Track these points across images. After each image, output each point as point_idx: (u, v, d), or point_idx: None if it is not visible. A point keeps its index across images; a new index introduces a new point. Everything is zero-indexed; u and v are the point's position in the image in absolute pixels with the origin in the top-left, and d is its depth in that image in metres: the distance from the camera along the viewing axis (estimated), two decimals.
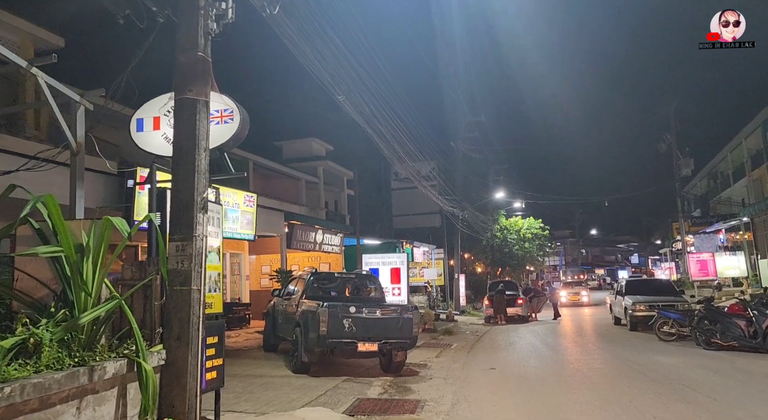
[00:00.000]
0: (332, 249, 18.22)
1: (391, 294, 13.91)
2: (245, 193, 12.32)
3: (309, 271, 10.36)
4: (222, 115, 5.57)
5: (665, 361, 9.87)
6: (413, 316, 9.11)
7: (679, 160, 26.87)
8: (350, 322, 8.64)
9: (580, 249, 76.49)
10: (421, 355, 11.71)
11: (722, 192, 38.18)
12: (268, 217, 14.60)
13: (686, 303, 15.25)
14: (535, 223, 34.91)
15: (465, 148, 26.34)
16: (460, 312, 24.90)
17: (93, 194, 9.43)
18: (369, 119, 11.53)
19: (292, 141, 26.25)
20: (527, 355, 11.59)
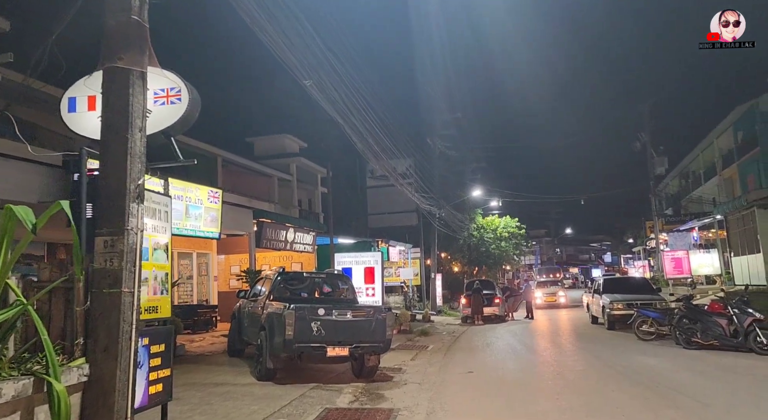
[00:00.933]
0: (304, 248, 17.56)
1: (365, 294, 13.35)
2: (209, 188, 11.61)
3: (276, 271, 9.73)
4: (168, 94, 4.94)
5: (648, 362, 9.53)
6: (387, 317, 8.57)
7: (654, 159, 26.94)
8: (319, 325, 8.06)
9: (555, 248, 77.14)
10: (395, 358, 11.18)
11: (693, 191, 38.71)
12: (236, 215, 13.89)
13: (664, 301, 15.05)
14: (512, 222, 34.75)
15: (442, 145, 25.92)
16: (437, 312, 24.48)
17: (37, 187, 8.65)
18: (341, 110, 10.97)
19: (264, 137, 25.47)
20: (506, 357, 11.16)
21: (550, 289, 28.83)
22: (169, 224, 5.41)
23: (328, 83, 10.08)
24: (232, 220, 13.69)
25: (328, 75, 9.67)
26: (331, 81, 10.09)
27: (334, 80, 9.45)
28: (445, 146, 26.24)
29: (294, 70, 7.74)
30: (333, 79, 9.45)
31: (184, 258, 17.74)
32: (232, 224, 13.81)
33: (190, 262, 17.96)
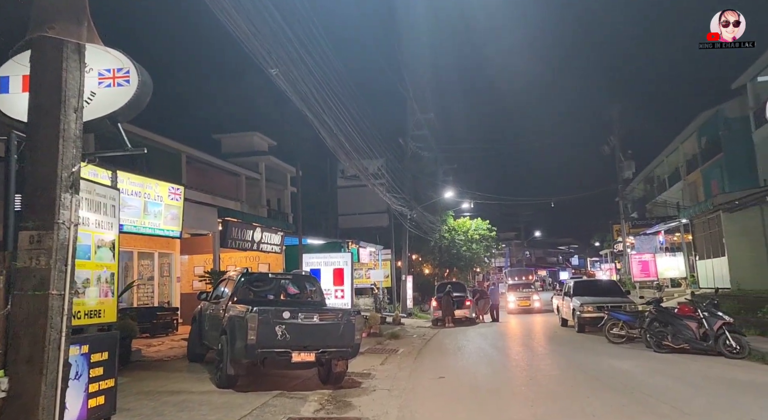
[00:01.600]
0: (272, 248, 17.02)
1: (334, 297, 12.94)
2: (170, 184, 11.02)
3: (240, 272, 9.24)
4: (114, 75, 4.45)
5: (620, 366, 9.40)
6: (356, 321, 8.18)
7: (622, 163, 27.28)
8: (284, 328, 7.62)
9: (525, 250, 77.91)
10: (364, 363, 10.80)
11: (659, 195, 39.55)
12: (200, 213, 13.30)
13: (633, 304, 15.10)
14: (483, 224, 34.78)
15: (414, 145, 25.68)
16: (408, 314, 24.20)
17: None
18: (311, 105, 10.56)
19: (232, 135, 24.78)
20: (478, 361, 10.90)
21: (523, 292, 26.63)
22: (117, 220, 4.92)
23: (296, 74, 9.67)
24: (195, 218, 13.10)
25: (296, 65, 9.25)
26: (299, 72, 9.68)
27: (302, 72, 9.04)
28: (417, 147, 26.00)
29: (259, 58, 7.30)
30: (301, 70, 9.04)
31: (144, 258, 16.98)
32: (196, 223, 13.21)
33: (152, 263, 17.21)
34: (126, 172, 9.84)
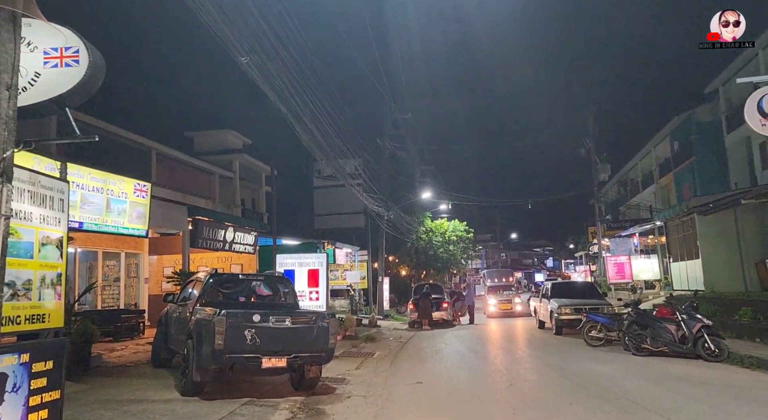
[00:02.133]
0: (245, 249, 16.51)
1: (308, 299, 12.53)
2: (136, 181, 10.47)
3: (208, 273, 8.78)
4: (62, 55, 4.02)
5: (601, 371, 9.22)
6: (330, 324, 7.81)
7: (598, 166, 27.46)
8: (254, 333, 7.21)
9: (500, 253, 78.37)
10: (339, 367, 10.43)
11: (632, 198, 40.09)
12: (169, 212, 12.75)
13: (610, 306, 15.04)
14: (460, 225, 34.70)
15: (392, 145, 25.40)
16: (384, 316, 23.87)
17: None
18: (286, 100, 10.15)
19: (205, 132, 24.14)
20: (456, 366, 10.62)
21: (503, 295, 24.72)
22: (65, 215, 4.47)
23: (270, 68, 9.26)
24: (163, 217, 12.54)
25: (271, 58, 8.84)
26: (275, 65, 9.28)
27: (277, 64, 8.65)
28: (394, 146, 25.72)
29: (229, 46, 6.88)
30: (276, 63, 8.64)
31: (110, 258, 16.31)
32: (164, 222, 12.66)
33: (118, 263, 16.54)
34: (87, 166, 9.29)
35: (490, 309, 23.59)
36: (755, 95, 9.72)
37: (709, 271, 17.04)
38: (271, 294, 9.15)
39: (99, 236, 15.56)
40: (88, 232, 10.28)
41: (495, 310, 23.43)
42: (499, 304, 23.59)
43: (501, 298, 24.08)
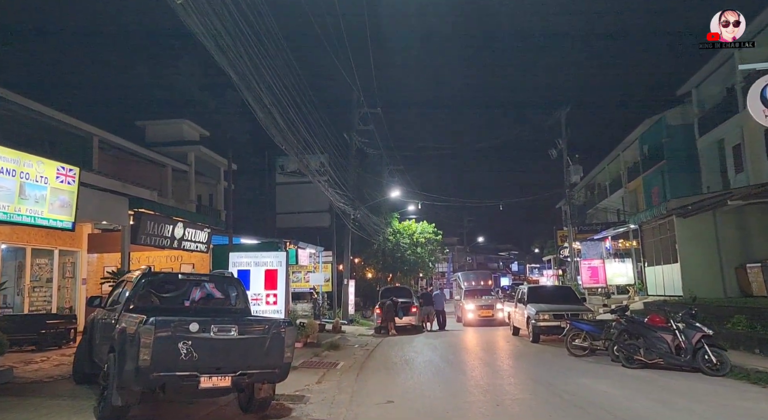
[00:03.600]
0: (197, 247, 14.93)
1: (265, 302, 11.14)
2: (59, 164, 8.87)
3: (141, 271, 7.33)
4: None
5: (595, 387, 8.17)
6: (286, 334, 6.50)
7: (569, 167, 26.88)
8: (190, 345, 5.84)
9: (467, 256, 78.02)
10: (297, 381, 9.11)
11: (599, 202, 40.01)
12: (105, 203, 11.14)
13: (591, 312, 14.18)
14: (429, 227, 33.68)
15: (360, 140, 24.12)
16: (349, 321, 22.54)
17: None
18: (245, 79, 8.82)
19: (158, 122, 22.36)
20: (431, 379, 9.41)
21: (483, 300, 21.77)
22: None
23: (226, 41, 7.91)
24: (98, 208, 10.94)
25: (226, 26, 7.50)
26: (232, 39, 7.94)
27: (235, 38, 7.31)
28: (362, 142, 24.46)
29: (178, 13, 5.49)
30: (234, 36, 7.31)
31: (41, 256, 14.47)
32: (99, 214, 11.05)
33: (50, 262, 14.71)
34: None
35: (468, 316, 20.95)
36: (760, 82, 8.90)
37: (688, 275, 16.45)
38: (219, 297, 7.74)
39: (27, 231, 13.75)
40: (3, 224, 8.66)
41: (473, 317, 20.80)
42: (478, 310, 20.92)
43: (480, 303, 21.31)
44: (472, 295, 22.23)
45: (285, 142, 11.58)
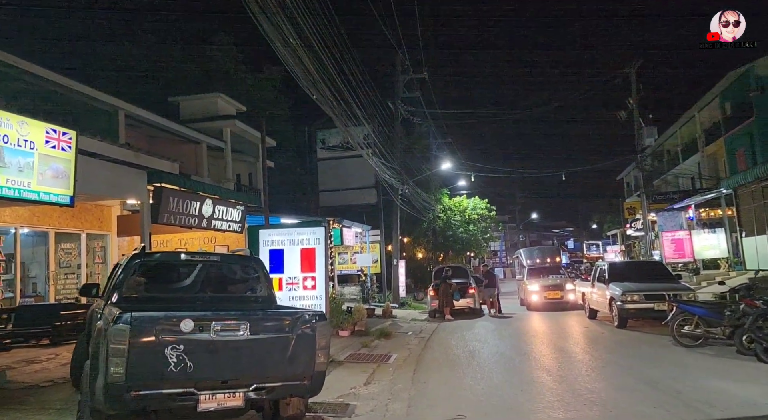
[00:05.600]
0: (230, 226, 13.45)
1: (302, 287, 9.45)
2: (48, 125, 7.35)
3: (133, 252, 5.73)
4: None
5: (740, 394, 6.03)
6: (318, 331, 4.73)
7: (642, 129, 23.90)
8: (181, 351, 4.15)
9: (519, 234, 74.96)
10: (342, 381, 7.43)
11: (669, 171, 36.38)
12: (117, 176, 9.68)
13: (691, 291, 11.80)
14: (481, 203, 31.41)
15: (405, 109, 22.07)
16: (400, 305, 20.81)
17: None
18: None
19: (192, 97, 20.98)
20: (508, 381, 7.46)
21: (550, 280, 18.78)
22: None
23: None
24: (108, 182, 9.50)
25: None
26: None
27: None
28: (408, 111, 22.39)
29: None
30: None
31: (66, 240, 13.38)
32: (109, 188, 9.61)
33: (77, 246, 13.62)
34: None
35: (532, 298, 18.22)
36: None
37: None
38: (235, 283, 6.04)
39: (49, 213, 12.62)
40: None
41: (538, 300, 17.95)
42: (544, 291, 17.97)
43: (546, 283, 18.38)
44: (537, 275, 19.42)
45: (327, 107, 9.89)
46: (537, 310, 17.74)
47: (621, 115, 24.78)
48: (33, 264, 13.55)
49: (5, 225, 11.56)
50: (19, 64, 12.29)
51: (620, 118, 24.94)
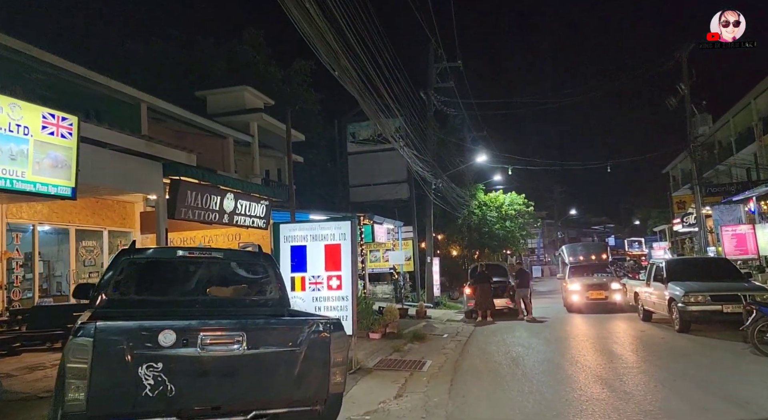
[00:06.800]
0: (254, 222, 12.73)
1: (327, 287, 8.59)
2: (44, 109, 6.68)
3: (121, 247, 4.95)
4: None
5: None
6: (333, 343, 3.81)
7: (695, 116, 22.15)
8: (160, 370, 3.30)
9: (557, 231, 72.61)
10: (370, 394, 6.54)
11: (720, 162, 34.09)
12: (129, 168, 9.02)
13: (766, 292, 10.41)
14: (518, 198, 30.03)
15: (438, 100, 21.00)
16: (435, 304, 19.82)
17: None
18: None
19: (218, 90, 20.49)
20: (561, 395, 6.40)
21: (593, 279, 16.96)
22: None
23: None
24: (119, 174, 8.84)
25: None
26: None
27: None
28: (441, 101, 21.31)
29: None
30: None
31: (88, 237, 12.94)
32: (119, 181, 8.95)
33: (99, 244, 13.17)
34: None
35: (572, 298, 16.56)
36: None
37: None
38: (242, 283, 5.19)
39: (68, 209, 12.17)
40: None
41: (580, 300, 16.25)
42: (586, 291, 16.21)
43: (589, 282, 16.61)
44: (580, 273, 17.68)
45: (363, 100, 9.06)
46: (579, 311, 16.27)
47: (671, 102, 23.04)
48: (58, 262, 13.16)
49: (22, 222, 11.14)
50: (40, 56, 11.86)
51: (670, 106, 23.19)
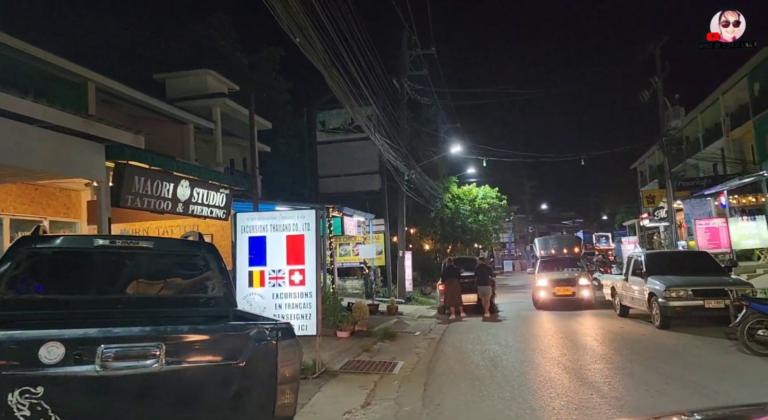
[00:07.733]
0: (212, 212, 11.76)
1: (289, 282, 7.77)
2: None
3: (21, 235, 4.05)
4: None
5: None
6: (281, 356, 3.02)
7: (667, 110, 22.03)
8: (40, 396, 2.44)
9: (528, 225, 73.09)
10: (334, 402, 5.80)
11: (688, 158, 34.42)
12: (64, 149, 7.99)
13: (749, 286, 10.05)
14: (492, 191, 29.63)
15: (412, 87, 20.27)
16: (406, 300, 19.16)
17: None
18: None
19: (178, 73, 19.30)
20: (547, 402, 5.75)
21: (563, 274, 16.09)
22: None
23: None
24: (52, 156, 7.78)
25: None
26: None
27: None
28: (414, 89, 20.59)
29: None
30: None
31: (25, 228, 11.70)
32: (52, 164, 7.87)
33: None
34: None
35: (539, 295, 15.69)
36: None
37: None
38: (177, 279, 4.35)
39: (2, 197, 10.95)
40: None
41: (546, 297, 15.42)
42: (553, 286, 15.37)
43: (557, 277, 15.69)
44: (550, 268, 16.78)
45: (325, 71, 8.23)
46: (546, 309, 15.36)
47: (644, 95, 22.87)
48: None
49: None
50: None
51: (643, 99, 23.02)
